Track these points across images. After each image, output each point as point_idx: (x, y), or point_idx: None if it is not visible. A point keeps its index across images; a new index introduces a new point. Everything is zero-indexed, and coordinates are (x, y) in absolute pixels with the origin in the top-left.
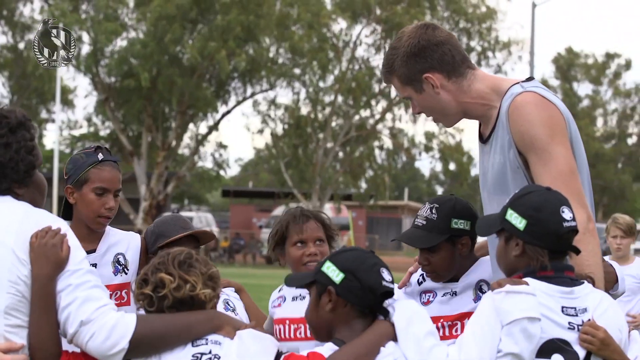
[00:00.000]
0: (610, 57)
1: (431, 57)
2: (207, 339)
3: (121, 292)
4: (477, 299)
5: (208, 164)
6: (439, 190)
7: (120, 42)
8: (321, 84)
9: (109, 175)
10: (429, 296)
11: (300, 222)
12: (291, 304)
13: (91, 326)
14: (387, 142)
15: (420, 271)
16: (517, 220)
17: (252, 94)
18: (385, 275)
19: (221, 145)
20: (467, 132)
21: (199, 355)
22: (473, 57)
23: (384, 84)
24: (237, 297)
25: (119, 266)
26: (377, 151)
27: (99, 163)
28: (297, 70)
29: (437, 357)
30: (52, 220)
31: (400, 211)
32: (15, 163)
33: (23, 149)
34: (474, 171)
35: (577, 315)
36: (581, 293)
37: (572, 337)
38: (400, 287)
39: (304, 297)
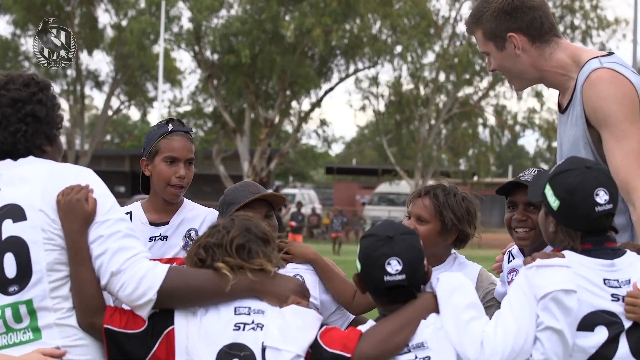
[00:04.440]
0: None
1: (521, 19)
2: (249, 308)
3: None
4: None
5: (312, 141)
6: (544, 168)
7: (220, 20)
8: (423, 61)
9: (178, 144)
10: (513, 275)
11: (414, 196)
12: None
13: (121, 276)
14: (491, 119)
15: (510, 249)
16: (552, 199)
17: (355, 71)
18: (391, 267)
19: (324, 123)
20: None
21: (241, 325)
22: (577, 36)
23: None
24: (308, 269)
25: (189, 241)
26: (480, 128)
27: (169, 134)
28: (398, 47)
29: (474, 330)
30: (76, 173)
31: None
32: (50, 118)
33: (56, 107)
34: None
35: (620, 287)
36: (623, 264)
37: (617, 308)
38: (495, 270)
39: None
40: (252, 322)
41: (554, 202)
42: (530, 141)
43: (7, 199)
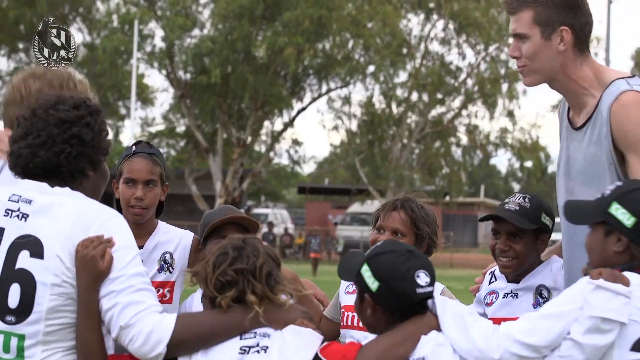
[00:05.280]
0: None
1: (579, 18)
2: (255, 332)
3: (163, 290)
4: (536, 304)
5: (284, 160)
6: (516, 187)
7: (192, 40)
8: (395, 80)
9: (137, 166)
10: (492, 297)
11: (385, 209)
12: None
13: (130, 330)
14: (463, 139)
15: (492, 270)
16: (624, 217)
17: (328, 91)
18: (421, 279)
19: (296, 142)
20: (544, 128)
21: (247, 349)
22: None
23: (457, 82)
24: None
25: (164, 264)
26: (452, 147)
27: (132, 155)
28: (371, 67)
29: (481, 325)
30: (103, 220)
31: (476, 208)
32: (96, 143)
33: (103, 132)
34: (551, 168)
35: None
36: None
37: None
38: (473, 292)
39: None
40: (257, 345)
41: (627, 220)
42: (502, 160)
43: (31, 230)
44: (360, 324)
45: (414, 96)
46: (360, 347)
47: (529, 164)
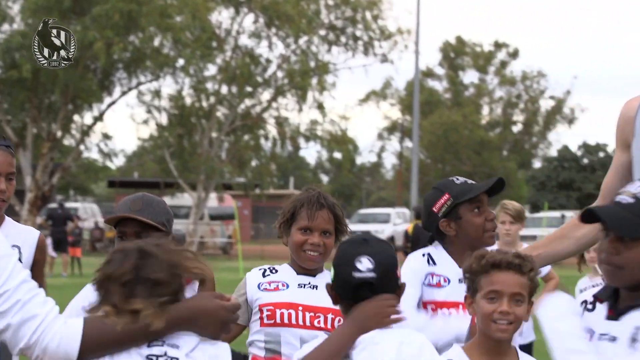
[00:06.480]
0: (498, 46)
1: None
2: (163, 340)
3: None
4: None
5: (94, 154)
6: (325, 179)
7: (2, 34)
8: (205, 73)
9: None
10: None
11: (313, 209)
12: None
13: (34, 350)
14: (273, 131)
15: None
16: None
17: (138, 85)
18: (362, 265)
19: (106, 136)
20: (353, 120)
21: (153, 358)
22: (359, 47)
23: (268, 73)
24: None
25: None
26: (262, 140)
27: None
28: (181, 61)
29: None
30: None
31: (285, 200)
32: None
33: None
34: (359, 160)
35: None
36: None
37: None
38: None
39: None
40: (165, 354)
41: None
42: (311, 153)
43: None
44: (299, 322)
45: (224, 89)
46: None
47: (338, 155)
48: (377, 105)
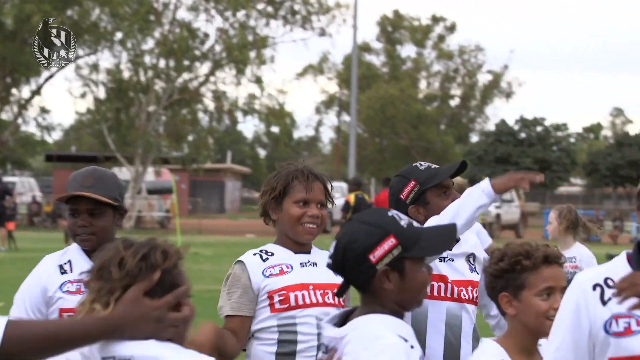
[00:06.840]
0: (435, 20)
1: None
2: (114, 356)
3: None
4: None
5: (31, 128)
6: (262, 153)
7: None
8: (143, 47)
9: None
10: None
11: (309, 180)
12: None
13: None
14: (211, 105)
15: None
16: None
17: (76, 58)
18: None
19: (44, 110)
20: (290, 94)
21: None
22: (297, 21)
23: (206, 47)
24: None
25: None
26: (200, 114)
27: None
28: (119, 34)
29: None
30: None
31: (222, 174)
32: None
33: None
34: (297, 134)
35: None
36: None
37: None
38: None
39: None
40: None
41: None
42: (248, 127)
43: None
44: (313, 301)
45: (162, 63)
46: None
47: (275, 129)
48: (314, 79)
